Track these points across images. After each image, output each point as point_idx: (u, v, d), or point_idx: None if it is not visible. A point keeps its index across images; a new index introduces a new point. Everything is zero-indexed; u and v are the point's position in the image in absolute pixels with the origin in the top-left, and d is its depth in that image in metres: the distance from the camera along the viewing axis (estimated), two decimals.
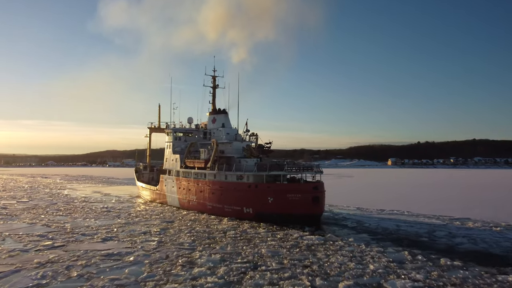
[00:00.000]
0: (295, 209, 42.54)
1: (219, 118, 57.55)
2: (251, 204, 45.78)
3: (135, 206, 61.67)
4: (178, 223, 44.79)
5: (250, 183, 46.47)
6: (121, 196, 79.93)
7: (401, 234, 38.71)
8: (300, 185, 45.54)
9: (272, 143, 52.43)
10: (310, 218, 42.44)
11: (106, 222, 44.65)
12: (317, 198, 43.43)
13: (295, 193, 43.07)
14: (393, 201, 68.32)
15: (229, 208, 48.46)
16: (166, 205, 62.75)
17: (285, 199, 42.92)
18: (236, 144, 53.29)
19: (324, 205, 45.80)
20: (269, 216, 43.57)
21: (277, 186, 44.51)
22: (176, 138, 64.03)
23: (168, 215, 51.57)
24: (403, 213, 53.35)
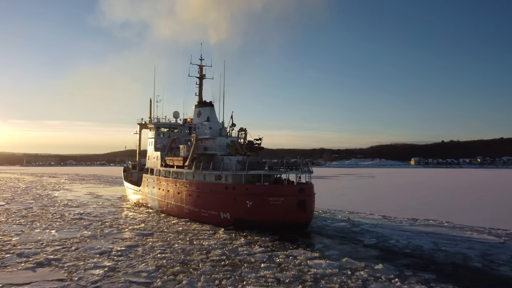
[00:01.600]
0: (276, 216, 36.47)
1: (204, 111, 50.99)
2: (228, 209, 39.97)
3: (116, 212, 52.87)
4: (156, 237, 35.54)
5: (227, 184, 40.62)
6: (110, 199, 71.70)
7: (444, 258, 28.43)
8: (283, 187, 39.15)
9: (262, 139, 46.02)
10: (294, 227, 36.61)
11: (66, 235, 35.73)
12: (303, 203, 36.75)
13: (277, 196, 36.79)
14: (427, 208, 57.48)
15: (206, 212, 42.82)
16: (151, 209, 56.06)
17: (265, 204, 36.86)
18: (220, 140, 47.13)
19: (312, 211, 39.25)
20: (248, 223, 37.91)
21: (256, 188, 38.34)
22: (159, 134, 58.41)
23: (150, 225, 42.37)
24: (442, 225, 42.66)
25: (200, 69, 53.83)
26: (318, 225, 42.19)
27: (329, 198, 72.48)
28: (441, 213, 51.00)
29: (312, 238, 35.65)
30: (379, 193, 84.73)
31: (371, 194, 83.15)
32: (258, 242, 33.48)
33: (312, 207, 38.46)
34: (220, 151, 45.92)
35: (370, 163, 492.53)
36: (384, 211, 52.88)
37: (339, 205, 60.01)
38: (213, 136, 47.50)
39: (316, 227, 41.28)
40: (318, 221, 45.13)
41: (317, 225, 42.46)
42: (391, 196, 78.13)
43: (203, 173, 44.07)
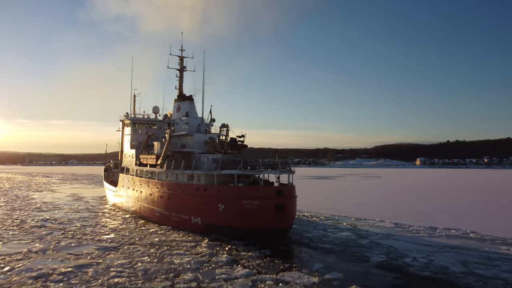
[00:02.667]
0: (251, 221, 32.66)
1: (183, 106, 47.24)
2: (199, 213, 36.23)
3: (88, 218, 46.25)
4: (121, 253, 29.06)
5: (198, 185, 36.91)
6: (90, 201, 65.42)
7: (480, 286, 21.62)
8: (259, 189, 34.87)
9: (245, 136, 42.36)
10: (272, 234, 32.89)
11: (9, 249, 29.32)
12: (282, 207, 32.81)
13: (251, 199, 32.84)
14: (443, 213, 50.62)
15: (176, 216, 39.03)
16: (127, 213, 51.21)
17: (239, 208, 33.03)
18: (197, 137, 43.31)
19: (293, 216, 35.47)
20: (220, 229, 34.33)
21: (229, 189, 34.63)
22: (135, 131, 54.53)
23: (121, 235, 35.79)
24: (467, 236, 35.73)
25: (181, 61, 49.54)
26: (318, 235, 35.56)
27: (333, 201, 65.71)
28: (460, 220, 44.17)
29: (309, 253, 29.00)
30: (387, 196, 77.70)
31: (379, 196, 76.15)
32: (243, 259, 26.95)
33: (292, 211, 34.79)
34: (197, 148, 42.34)
35: (374, 163, 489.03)
36: (395, 217, 46.05)
37: (343, 210, 53.31)
38: (190, 132, 43.50)
39: (315, 237, 34.67)
40: (319, 230, 38.51)
41: (317, 235, 35.86)
42: (401, 199, 71.10)
43: (175, 173, 40.11)
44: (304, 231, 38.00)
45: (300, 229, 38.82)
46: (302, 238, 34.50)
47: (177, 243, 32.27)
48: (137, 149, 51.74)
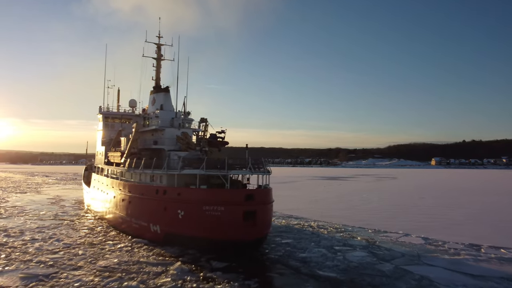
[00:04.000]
0: (214, 231, 28.15)
1: (158, 98, 42.49)
2: (158, 220, 32.01)
3: (49, 227, 38.48)
4: (52, 284, 20.98)
5: (158, 188, 32.58)
6: (67, 205, 57.81)
7: None
8: (225, 193, 29.50)
9: (226, 132, 37.66)
10: (239, 246, 28.06)
11: None
12: (252, 214, 28.06)
13: (215, 205, 28.30)
14: (482, 225, 41.74)
15: (136, 223, 34.72)
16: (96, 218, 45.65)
17: (200, 214, 28.65)
18: (169, 132, 38.68)
19: (267, 225, 30.37)
20: (180, 239, 29.82)
21: (189, 193, 30.06)
22: (107, 126, 50.37)
23: (72, 255, 27.97)
24: None
25: (158, 49, 44.80)
26: (317, 256, 27.38)
27: (345, 206, 56.95)
28: (509, 234, 35.26)
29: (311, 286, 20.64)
30: (408, 200, 68.48)
31: (398, 200, 67.02)
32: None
33: (266, 219, 29.67)
34: (168, 145, 37.86)
35: (388, 163, 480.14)
36: (423, 229, 37.33)
37: (357, 218, 44.73)
38: (161, 127, 38.94)
39: (314, 259, 26.51)
40: (321, 247, 30.25)
41: (316, 255, 27.68)
42: (425, 203, 61.91)
43: (137, 173, 36.39)
44: (300, 248, 29.88)
45: (296, 246, 30.74)
46: (292, 260, 26.51)
47: (139, 268, 24.61)
48: (107, 146, 47.92)
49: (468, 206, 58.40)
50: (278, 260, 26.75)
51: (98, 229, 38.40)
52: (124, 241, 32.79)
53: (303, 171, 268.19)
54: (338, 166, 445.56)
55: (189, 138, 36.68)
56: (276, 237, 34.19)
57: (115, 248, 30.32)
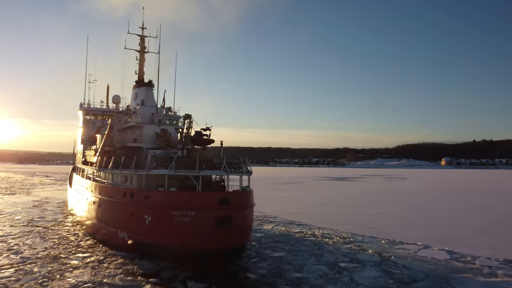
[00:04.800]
0: (183, 239, 24.99)
1: (140, 93, 39.97)
2: (125, 226, 29.05)
3: (10, 236, 33.51)
4: None
5: (125, 190, 29.72)
6: (49, 208, 53.00)
7: None
8: (195, 195, 26.37)
9: (211, 129, 33.80)
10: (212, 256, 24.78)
11: None
12: (226, 220, 24.99)
13: (184, 210, 25.14)
14: (509, 232, 36.14)
15: (106, 229, 31.95)
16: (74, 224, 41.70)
17: (168, 220, 25.55)
18: (147, 129, 35.86)
19: (245, 233, 26.99)
20: (149, 248, 26.50)
21: (157, 196, 27.16)
22: (87, 123, 47.07)
23: (21, 274, 23.05)
24: None
25: (142, 41, 42.15)
26: (324, 277, 22.21)
27: (353, 210, 51.64)
28: None
29: None
30: (421, 203, 62.90)
31: (412, 203, 61.45)
32: None
33: (244, 226, 26.62)
34: (147, 143, 35.12)
35: (397, 163, 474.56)
36: (445, 239, 32.01)
37: (368, 224, 39.54)
38: (138, 124, 36.19)
39: (319, 283, 21.23)
40: (322, 263, 25.11)
41: (315, 276, 22.47)
42: (442, 208, 56.27)
43: (110, 173, 33.95)
44: (296, 265, 24.77)
45: (291, 262, 25.61)
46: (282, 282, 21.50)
47: None
48: (85, 144, 45.06)
49: (488, 210, 52.78)
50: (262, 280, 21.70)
51: (72, 238, 33.62)
52: (96, 254, 28.10)
53: (310, 171, 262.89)
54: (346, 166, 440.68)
55: (168, 135, 33.76)
56: (268, 248, 29.29)
57: (82, 263, 25.54)
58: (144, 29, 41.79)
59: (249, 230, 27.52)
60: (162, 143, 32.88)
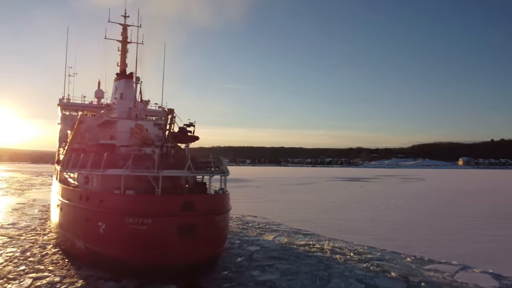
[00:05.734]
0: (140, 251, 21.06)
1: (119, 86, 37.48)
2: (80, 233, 25.48)
3: None
4: None
5: (82, 193, 26.02)
6: (28, 213, 47.59)
7: None
8: (154, 200, 22.41)
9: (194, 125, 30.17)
10: (172, 272, 20.74)
11: None
12: (191, 229, 20.94)
13: (141, 216, 21.05)
14: None
15: (65, 237, 28.96)
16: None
17: (122, 229, 21.53)
18: (122, 125, 32.90)
19: (217, 243, 22.82)
20: (104, 260, 22.82)
21: (112, 200, 23.10)
22: (65, 119, 43.39)
23: None
24: None
25: (124, 30, 39.33)
26: None
27: (370, 216, 45.36)
28: None
29: None
30: (446, 207, 56.14)
31: (435, 208, 54.73)
32: None
33: (214, 235, 22.89)
34: (121, 139, 32.33)
35: (412, 163, 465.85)
36: (486, 257, 25.65)
37: (387, 235, 33.36)
38: (112, 119, 33.66)
39: None
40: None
41: None
42: (470, 213, 49.55)
43: (73, 174, 31.93)
44: None
45: None
46: None
47: None
48: (61, 142, 41.86)
49: None
50: None
51: (35, 251, 28.20)
52: (55, 273, 22.94)
53: (322, 172, 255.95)
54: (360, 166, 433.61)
55: (144, 131, 30.70)
56: (257, 268, 23.42)
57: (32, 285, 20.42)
58: (126, 18, 38.37)
59: (221, 241, 23.79)
60: (137, 140, 29.46)
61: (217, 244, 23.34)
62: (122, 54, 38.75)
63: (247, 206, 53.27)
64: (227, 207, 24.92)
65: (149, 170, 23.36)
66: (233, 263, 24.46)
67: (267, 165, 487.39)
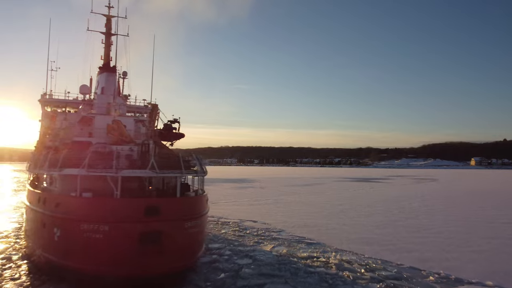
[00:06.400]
0: (96, 262, 18.88)
1: (101, 80, 34.98)
2: (37, 241, 23.60)
3: None
4: None
5: (40, 195, 23.55)
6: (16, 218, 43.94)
7: None
8: (113, 203, 19.84)
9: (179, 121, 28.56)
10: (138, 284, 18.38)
11: None
12: (155, 237, 18.57)
13: (96, 222, 18.87)
14: None
15: (26, 245, 27.31)
16: None
17: (77, 236, 19.38)
18: (98, 121, 29.92)
19: (188, 254, 20.37)
20: (61, 271, 20.62)
21: (67, 203, 20.66)
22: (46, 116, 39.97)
23: None
24: None
25: (108, 21, 36.97)
26: None
27: (383, 221, 40.88)
28: None
29: None
30: (470, 212, 51.34)
31: (456, 212, 49.93)
32: None
33: (185, 244, 19.82)
34: (97, 136, 29.69)
35: (423, 163, 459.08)
36: None
37: (403, 246, 28.95)
38: (89, 114, 31.44)
39: None
40: None
41: None
42: (497, 218, 45.02)
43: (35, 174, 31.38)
44: None
45: None
46: None
47: None
48: None
49: None
50: None
51: None
52: None
53: (331, 172, 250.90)
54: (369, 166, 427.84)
55: (122, 127, 28.30)
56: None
57: None
58: (110, 8, 35.81)
59: (193, 251, 21.22)
60: (114, 137, 27.14)
61: (188, 255, 20.52)
62: (106, 46, 36.51)
63: (247, 209, 49.16)
64: (202, 211, 22.21)
65: (107, 170, 20.91)
66: (212, 280, 20.43)
67: (275, 165, 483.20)
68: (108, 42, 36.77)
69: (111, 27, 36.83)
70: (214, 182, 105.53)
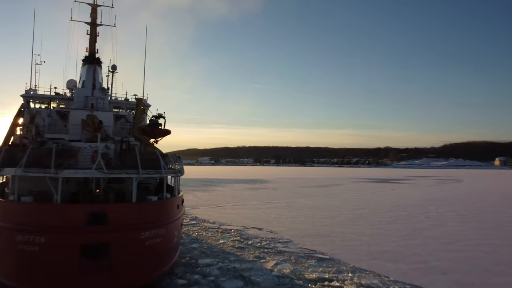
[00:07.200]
0: (31, 280, 16.81)
1: (83, 73, 32.78)
2: None
3: None
4: None
5: None
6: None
7: None
8: (50, 210, 17.21)
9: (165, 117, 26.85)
10: None
11: None
12: (100, 251, 16.36)
13: (32, 233, 16.38)
14: None
15: None
16: None
17: (10, 249, 17.23)
18: (74, 116, 26.84)
19: (145, 270, 17.73)
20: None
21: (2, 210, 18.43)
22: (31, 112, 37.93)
23: None
24: None
25: (93, 11, 35.02)
26: None
27: (407, 230, 35.36)
28: None
29: None
30: (504, 216, 45.56)
31: (491, 218, 44.19)
32: None
33: (140, 259, 17.14)
34: (72, 133, 27.10)
35: (444, 164, 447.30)
36: None
37: (437, 262, 23.62)
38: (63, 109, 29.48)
39: None
40: None
41: None
42: None
43: None
44: None
45: None
46: None
47: None
48: None
49: None
50: None
51: None
52: None
53: (349, 172, 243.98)
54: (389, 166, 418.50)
55: (97, 123, 26.66)
56: None
57: None
58: None
59: (152, 267, 18.04)
60: (89, 133, 25.40)
61: (144, 272, 17.52)
62: (91, 37, 34.52)
63: (254, 214, 44.28)
64: (169, 218, 19.39)
65: (45, 170, 17.77)
66: None
67: (291, 165, 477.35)
68: (94, 33, 34.50)
69: (96, 17, 34.63)
70: (225, 183, 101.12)
